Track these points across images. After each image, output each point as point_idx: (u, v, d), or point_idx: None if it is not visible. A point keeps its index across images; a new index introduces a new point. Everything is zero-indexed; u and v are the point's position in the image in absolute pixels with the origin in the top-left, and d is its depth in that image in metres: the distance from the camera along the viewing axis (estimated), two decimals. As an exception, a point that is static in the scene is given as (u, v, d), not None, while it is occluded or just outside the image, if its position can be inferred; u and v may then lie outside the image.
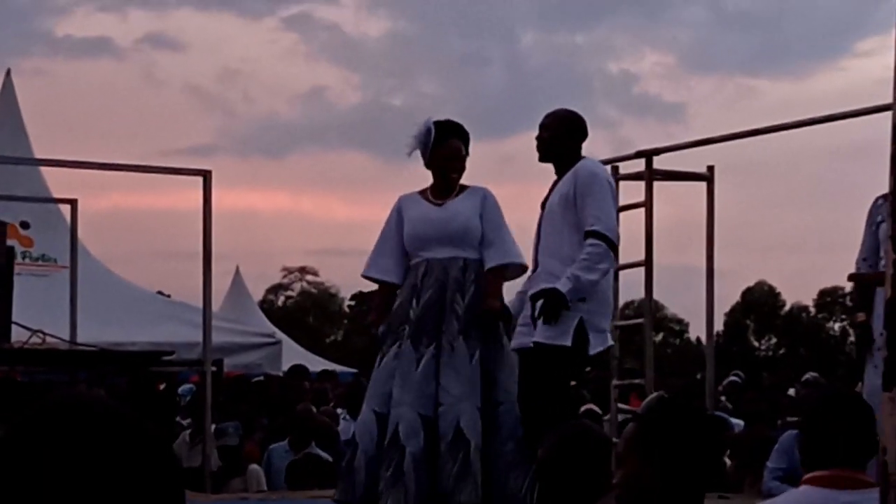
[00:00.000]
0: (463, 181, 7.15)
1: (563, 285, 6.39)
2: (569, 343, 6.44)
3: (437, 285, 6.90)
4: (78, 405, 1.66)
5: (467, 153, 7.15)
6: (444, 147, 7.04)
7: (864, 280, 7.15)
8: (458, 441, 6.66)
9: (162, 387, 10.20)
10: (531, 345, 6.54)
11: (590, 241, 6.47)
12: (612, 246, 6.56)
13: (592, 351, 6.54)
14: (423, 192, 7.19)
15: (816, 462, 3.85)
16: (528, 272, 6.94)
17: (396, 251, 7.15)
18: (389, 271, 7.14)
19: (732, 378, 17.84)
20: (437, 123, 7.12)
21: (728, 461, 9.67)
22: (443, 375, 6.75)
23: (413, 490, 6.67)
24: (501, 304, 6.90)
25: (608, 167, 8.88)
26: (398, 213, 7.19)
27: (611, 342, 6.85)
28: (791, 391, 16.45)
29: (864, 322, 7.27)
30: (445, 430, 6.69)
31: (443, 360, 6.77)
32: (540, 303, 6.50)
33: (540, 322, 6.47)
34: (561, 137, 6.75)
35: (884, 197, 7.07)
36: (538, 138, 6.83)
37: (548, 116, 6.85)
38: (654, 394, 3.86)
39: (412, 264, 7.07)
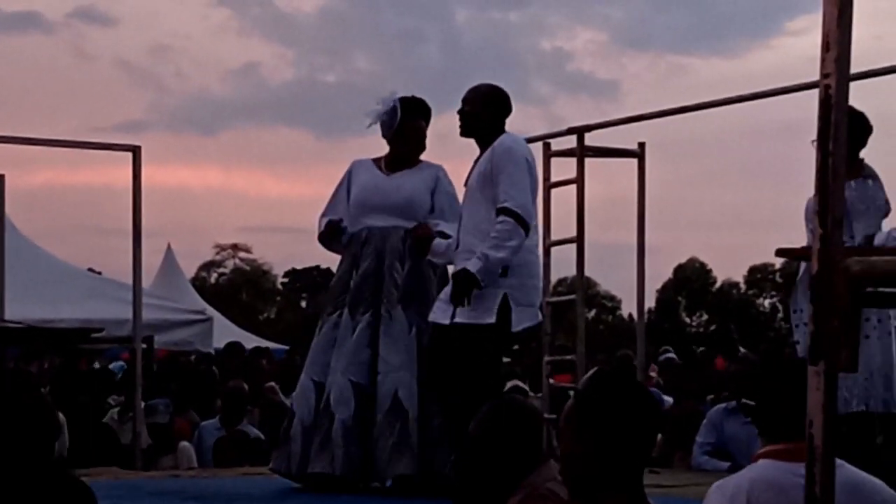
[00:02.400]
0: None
1: (472, 265, 6.29)
2: (493, 320, 6.35)
3: (376, 254, 6.91)
4: None
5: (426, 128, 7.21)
6: (407, 125, 7.06)
7: (792, 255, 7.23)
8: (396, 411, 6.66)
9: (96, 365, 10.14)
10: (445, 322, 6.41)
11: (500, 218, 6.33)
12: (522, 222, 6.36)
13: (517, 327, 6.43)
14: (377, 160, 7.19)
15: (772, 434, 3.83)
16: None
17: (344, 207, 7.18)
18: (339, 216, 7.16)
19: (669, 355, 17.95)
20: (402, 100, 7.12)
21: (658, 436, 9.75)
22: (381, 344, 6.74)
23: (340, 457, 6.67)
24: (429, 235, 6.87)
25: (540, 143, 8.93)
26: (347, 176, 7.19)
27: (540, 318, 6.76)
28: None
29: (793, 271, 7.37)
30: (383, 399, 6.68)
31: (381, 329, 6.76)
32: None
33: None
34: (482, 112, 6.63)
35: None
36: (460, 112, 6.70)
37: (470, 91, 6.73)
38: (593, 369, 3.86)
39: (354, 232, 7.07)
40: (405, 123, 7.08)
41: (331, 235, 7.16)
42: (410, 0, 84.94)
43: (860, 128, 6.95)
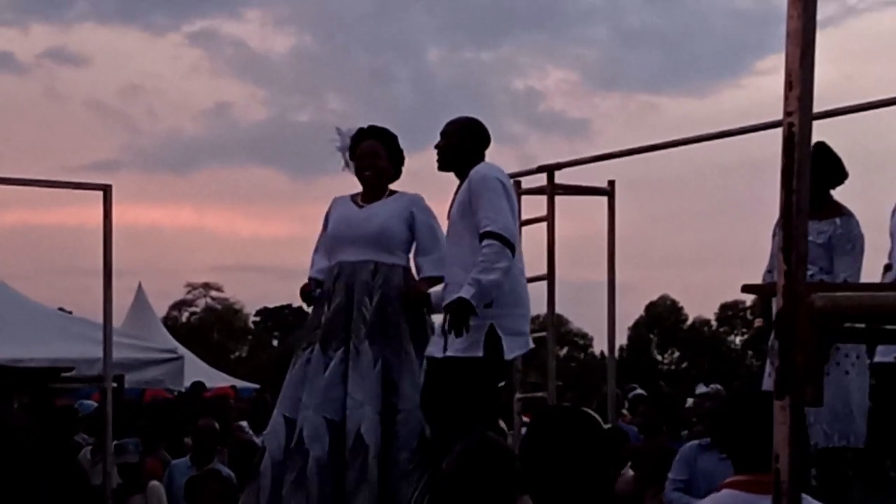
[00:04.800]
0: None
1: (465, 292, 6.28)
2: (481, 354, 6.37)
3: (346, 289, 6.87)
4: None
5: (393, 154, 7.09)
6: (358, 148, 7.05)
7: (758, 291, 7.30)
8: (358, 446, 6.63)
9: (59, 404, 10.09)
10: (438, 356, 6.47)
11: (485, 241, 6.35)
12: (508, 244, 6.38)
13: (509, 355, 6.46)
14: (354, 196, 7.16)
15: (742, 465, 3.86)
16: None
17: (324, 252, 7.16)
18: (322, 271, 7.13)
19: (638, 392, 18.01)
20: (359, 130, 7.13)
21: (631, 472, 9.75)
22: (350, 381, 6.72)
23: (315, 494, 6.63)
24: (425, 293, 6.84)
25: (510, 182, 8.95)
26: (327, 214, 7.19)
27: (531, 345, 6.74)
28: (689, 402, 16.65)
29: (761, 327, 7.45)
30: (349, 434, 6.66)
31: (350, 365, 6.74)
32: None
33: (451, 335, 6.36)
34: (459, 145, 6.66)
35: None
36: (437, 146, 6.73)
37: (448, 124, 6.75)
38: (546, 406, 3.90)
39: (330, 266, 7.05)
40: (357, 146, 7.07)
41: (306, 300, 7.19)
42: (382, 40, 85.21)
43: (836, 168, 7.03)
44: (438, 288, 6.85)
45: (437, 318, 6.87)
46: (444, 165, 6.74)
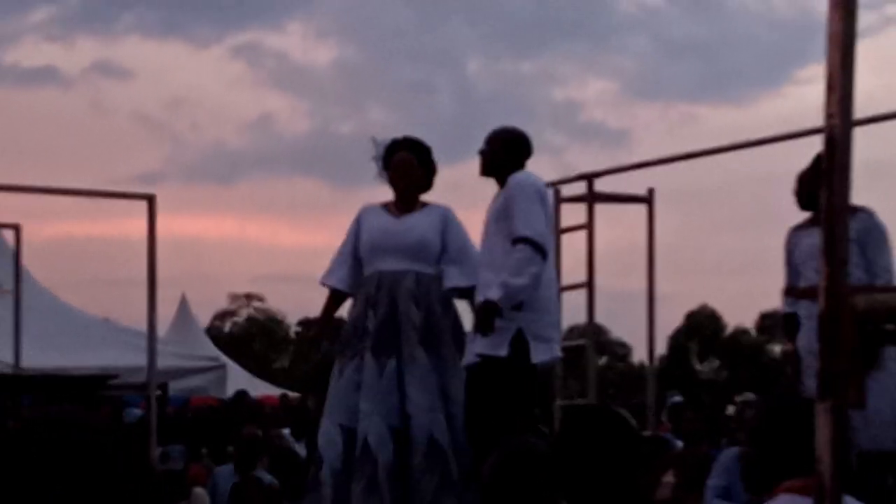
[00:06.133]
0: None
1: (493, 293, 6.37)
2: (504, 353, 6.43)
3: (389, 298, 6.89)
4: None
5: (426, 166, 7.14)
6: (392, 160, 7.10)
7: (800, 294, 7.30)
8: (435, 452, 6.64)
9: (104, 412, 10.15)
10: (475, 359, 6.52)
11: (518, 246, 6.44)
12: (540, 249, 6.48)
13: (536, 359, 6.49)
14: (385, 204, 7.20)
15: (780, 473, 3.84)
16: None
17: (352, 260, 7.17)
18: (343, 280, 7.14)
19: (676, 399, 17.98)
20: (393, 141, 7.19)
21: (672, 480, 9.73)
22: (409, 386, 6.72)
23: (388, 500, 6.64)
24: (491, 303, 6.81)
25: (550, 189, 8.98)
26: (357, 223, 7.21)
27: (558, 353, 6.79)
28: (729, 410, 16.60)
29: (791, 351, 7.47)
30: (419, 441, 6.65)
31: (406, 371, 6.76)
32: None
33: (479, 334, 6.45)
34: (500, 153, 6.78)
35: (795, 228, 7.27)
36: (480, 152, 6.86)
37: (492, 132, 6.89)
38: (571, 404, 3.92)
39: (366, 275, 7.05)
40: (390, 159, 7.13)
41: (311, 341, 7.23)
42: (423, 51, 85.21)
43: None
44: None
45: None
46: (486, 171, 6.85)
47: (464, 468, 6.67)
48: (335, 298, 7.21)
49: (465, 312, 7.01)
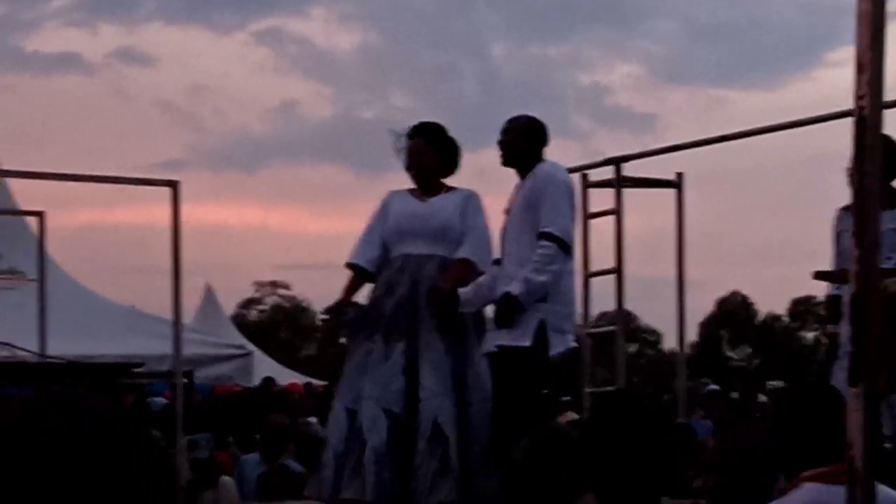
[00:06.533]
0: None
1: (515, 287, 6.44)
2: (527, 343, 6.46)
3: (411, 282, 6.91)
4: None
5: (441, 149, 7.12)
6: (409, 149, 7.11)
7: (830, 278, 7.24)
8: (437, 438, 6.65)
9: (129, 400, 10.15)
10: (494, 349, 6.56)
11: (541, 242, 6.50)
12: (565, 246, 6.55)
13: (553, 352, 6.53)
14: (411, 189, 7.21)
15: (802, 461, 3.79)
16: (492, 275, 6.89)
17: (379, 242, 7.17)
18: (370, 261, 7.14)
19: (712, 387, 17.92)
20: (410, 128, 7.18)
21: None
22: (422, 371, 6.74)
23: (371, 483, 6.65)
24: (451, 290, 6.80)
25: (578, 174, 8.92)
26: (384, 206, 7.21)
27: (573, 344, 6.84)
28: (761, 398, 16.53)
29: (834, 333, 7.42)
30: (424, 426, 6.67)
31: (420, 356, 6.77)
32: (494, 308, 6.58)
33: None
34: (520, 142, 6.79)
35: (844, 208, 7.19)
36: (499, 142, 6.87)
37: (509, 122, 6.90)
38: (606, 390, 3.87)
39: (391, 258, 7.08)
40: (407, 146, 7.13)
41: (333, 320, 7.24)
42: (447, 36, 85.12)
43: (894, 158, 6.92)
44: (468, 289, 6.84)
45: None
46: (507, 161, 6.87)
47: (475, 456, 6.66)
48: (357, 279, 7.20)
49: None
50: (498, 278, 6.70)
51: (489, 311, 6.89)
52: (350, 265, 7.20)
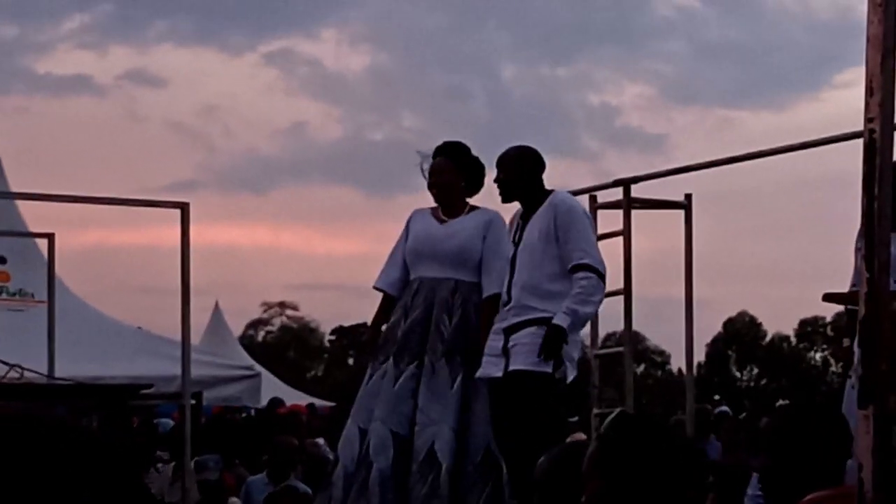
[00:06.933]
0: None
1: (562, 320, 6.48)
2: (550, 370, 6.50)
3: (425, 304, 6.91)
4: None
5: (465, 168, 7.11)
6: (430, 169, 7.11)
7: (839, 300, 7.22)
8: (431, 462, 6.67)
9: (136, 422, 10.14)
10: (499, 375, 6.58)
11: (581, 273, 6.55)
12: (603, 278, 6.67)
13: (570, 378, 6.62)
14: (434, 209, 7.20)
15: (800, 484, 3.75)
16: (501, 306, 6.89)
17: (402, 263, 7.17)
18: (393, 284, 7.16)
19: (722, 409, 17.90)
20: (435, 149, 7.20)
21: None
22: (421, 395, 6.76)
23: None
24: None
25: (586, 196, 8.92)
26: (407, 226, 7.21)
27: (576, 372, 6.85)
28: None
29: (848, 347, 7.39)
30: (419, 449, 6.70)
31: (423, 381, 6.77)
32: (522, 335, 6.55)
33: (518, 350, 6.52)
34: (520, 176, 6.81)
35: None
36: (496, 181, 6.87)
37: (501, 157, 6.89)
38: (616, 410, 3.85)
39: (410, 280, 7.09)
40: (430, 166, 7.15)
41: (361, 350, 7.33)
42: (457, 57, 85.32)
43: None
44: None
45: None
46: (506, 198, 6.93)
47: (469, 476, 6.68)
48: (385, 303, 7.20)
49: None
50: (506, 310, 6.72)
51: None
52: (375, 288, 7.22)
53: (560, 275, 6.60)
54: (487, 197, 7.23)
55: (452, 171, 7.07)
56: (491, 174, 7.03)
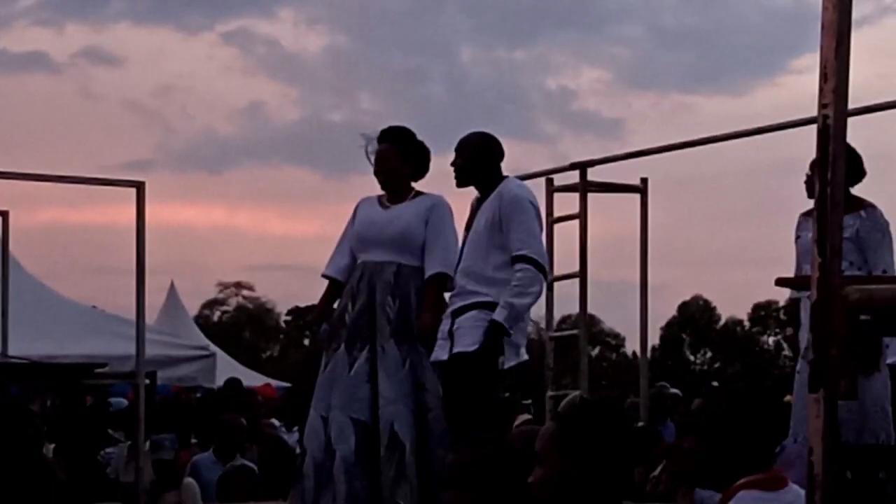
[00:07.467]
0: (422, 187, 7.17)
1: (499, 315, 6.50)
2: (474, 348, 6.51)
3: (369, 289, 6.92)
4: None
5: (409, 153, 7.09)
6: (376, 155, 7.10)
7: (792, 284, 7.29)
8: (394, 444, 6.69)
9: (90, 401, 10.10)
10: (445, 358, 6.62)
11: (519, 265, 6.55)
12: (542, 269, 6.63)
13: (506, 365, 6.60)
14: (380, 196, 7.19)
15: (733, 467, 3.76)
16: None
17: (349, 250, 7.18)
18: (341, 271, 7.15)
19: (672, 391, 17.95)
20: (380, 132, 7.17)
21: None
22: (379, 379, 6.77)
23: (343, 492, 6.67)
24: (433, 320, 6.85)
25: (543, 179, 8.96)
26: (354, 214, 7.21)
27: (525, 357, 6.84)
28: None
29: (792, 336, 7.48)
30: (383, 433, 6.71)
31: (378, 364, 6.79)
32: (465, 318, 6.59)
33: (461, 334, 6.57)
34: (475, 162, 6.80)
35: (804, 214, 7.23)
36: (453, 165, 6.87)
37: (460, 143, 6.89)
38: (574, 393, 3.88)
39: (357, 266, 7.09)
40: (375, 152, 7.13)
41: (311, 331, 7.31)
42: (415, 39, 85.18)
43: (855, 166, 6.96)
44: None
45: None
46: (462, 182, 6.92)
47: (438, 460, 6.67)
48: (333, 289, 7.20)
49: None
50: (452, 295, 6.77)
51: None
52: (324, 276, 7.22)
53: (505, 263, 6.62)
54: (442, 180, 7.22)
55: (397, 158, 7.06)
56: (446, 158, 7.03)
